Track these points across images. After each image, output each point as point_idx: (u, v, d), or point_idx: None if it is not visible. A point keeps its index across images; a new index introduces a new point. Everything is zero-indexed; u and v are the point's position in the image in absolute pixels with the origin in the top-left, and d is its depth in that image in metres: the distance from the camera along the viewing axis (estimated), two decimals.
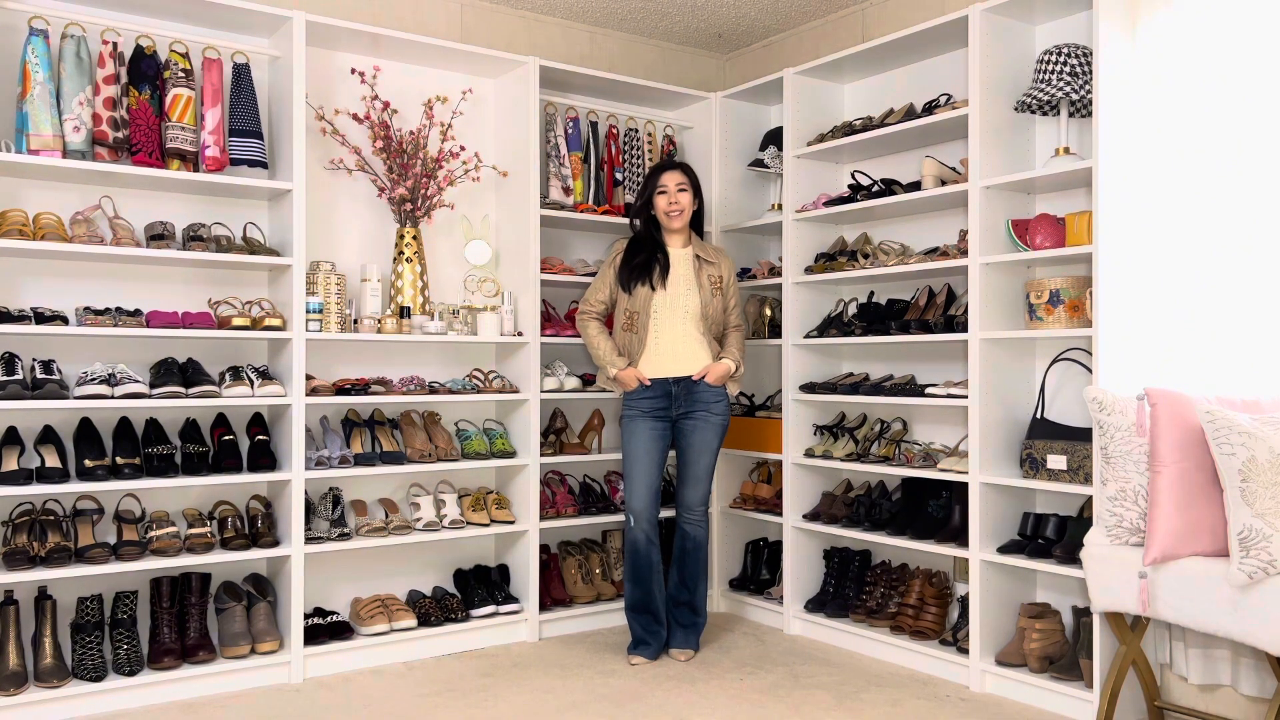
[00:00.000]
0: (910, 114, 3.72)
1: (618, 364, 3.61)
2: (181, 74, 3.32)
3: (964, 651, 3.39)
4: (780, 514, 4.11)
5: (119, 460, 3.20)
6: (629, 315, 3.62)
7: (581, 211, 4.13)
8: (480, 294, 3.97)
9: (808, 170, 4.13)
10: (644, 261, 3.62)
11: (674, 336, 3.61)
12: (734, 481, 4.47)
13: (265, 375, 3.44)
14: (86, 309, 3.19)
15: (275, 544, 3.42)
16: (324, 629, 3.51)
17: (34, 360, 3.17)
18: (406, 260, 3.78)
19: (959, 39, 3.59)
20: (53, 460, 3.13)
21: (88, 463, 3.15)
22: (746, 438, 4.28)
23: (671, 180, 3.65)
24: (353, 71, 3.78)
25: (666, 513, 3.90)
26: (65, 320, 3.13)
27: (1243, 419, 2.44)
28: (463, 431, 3.97)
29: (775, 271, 4.27)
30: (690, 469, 3.68)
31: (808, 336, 4.03)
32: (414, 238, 3.80)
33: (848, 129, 3.92)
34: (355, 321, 3.67)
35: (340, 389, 3.57)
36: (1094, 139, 2.98)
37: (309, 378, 3.54)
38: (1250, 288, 2.83)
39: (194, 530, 3.31)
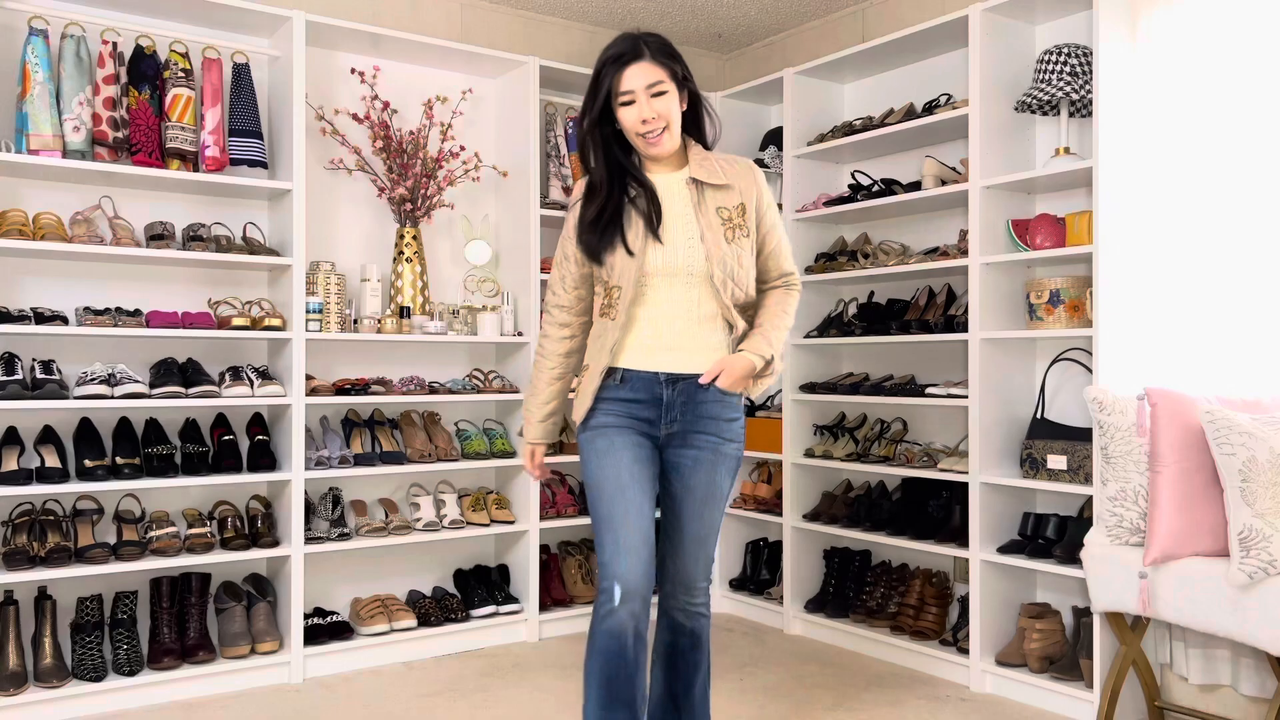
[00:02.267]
0: (910, 114, 3.72)
1: (530, 428, 2.41)
2: (181, 74, 3.32)
3: (964, 651, 3.39)
4: (780, 514, 4.11)
5: (119, 460, 3.20)
6: (606, 293, 2.29)
7: None
8: (480, 294, 3.97)
9: (808, 170, 4.13)
10: (612, 208, 2.25)
11: (671, 314, 2.26)
12: None
13: (265, 375, 3.44)
14: (86, 309, 3.19)
15: (275, 544, 3.42)
16: (324, 629, 3.51)
17: (34, 360, 3.16)
18: (406, 260, 3.78)
19: (959, 39, 3.59)
20: (52, 460, 3.13)
21: (87, 463, 3.15)
22: (746, 438, 4.28)
23: (640, 79, 2.20)
24: (352, 71, 3.78)
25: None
26: (65, 320, 3.13)
27: (1243, 419, 2.44)
28: (463, 431, 3.97)
29: None
30: (687, 527, 2.32)
31: (808, 336, 4.03)
32: (414, 238, 3.80)
33: (848, 129, 3.92)
34: (355, 321, 3.67)
35: (340, 389, 3.57)
36: (1094, 139, 2.98)
37: (309, 378, 3.54)
38: (1251, 287, 2.83)
39: (194, 530, 3.30)
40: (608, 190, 2.25)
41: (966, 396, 3.39)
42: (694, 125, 2.35)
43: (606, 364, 2.25)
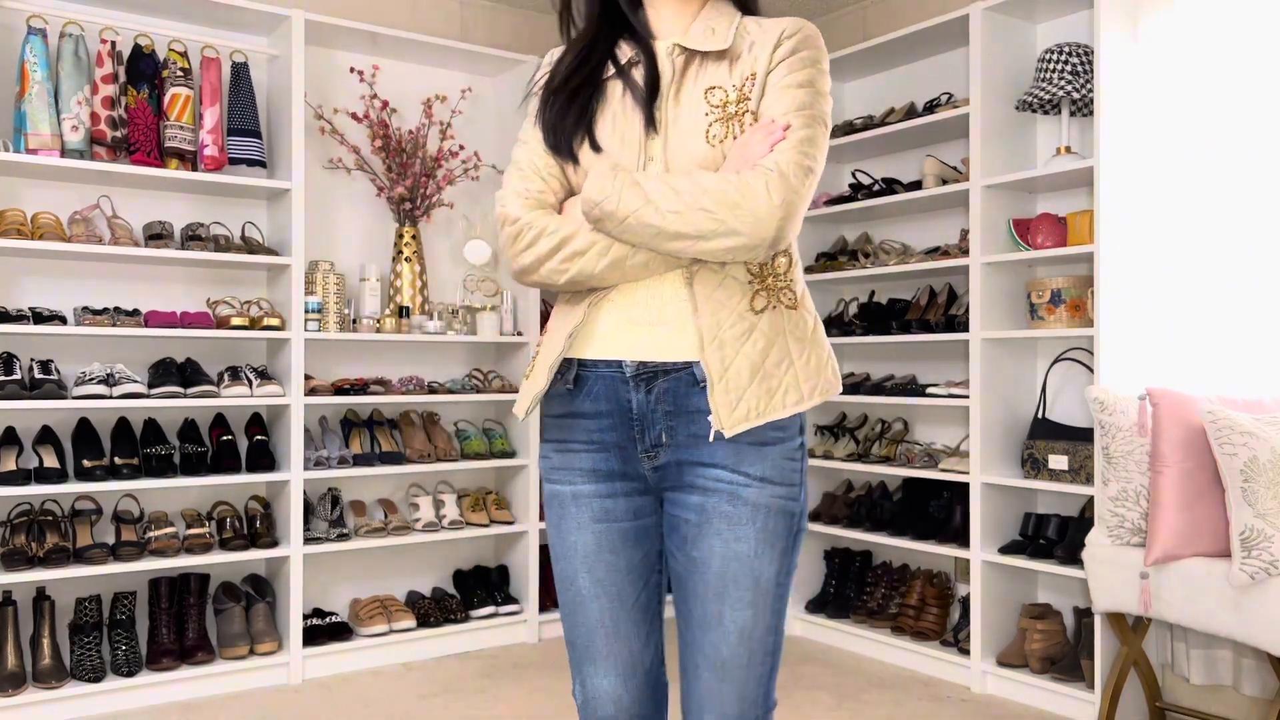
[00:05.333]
0: (911, 113, 3.71)
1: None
2: (180, 73, 3.31)
3: (965, 652, 3.38)
4: None
5: (117, 460, 3.19)
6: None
7: None
8: (479, 294, 3.96)
9: None
10: (586, 77, 1.43)
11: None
12: None
13: (264, 375, 3.43)
14: (85, 309, 3.18)
15: (274, 544, 3.41)
16: (323, 630, 3.50)
17: (32, 360, 3.16)
18: (405, 260, 3.78)
19: (960, 38, 3.58)
20: (51, 460, 3.12)
21: (86, 463, 3.15)
22: None
23: None
24: (351, 70, 3.77)
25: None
26: (63, 320, 3.12)
27: (1244, 419, 2.43)
28: (462, 432, 3.96)
29: None
30: (699, 636, 1.42)
31: None
32: (413, 237, 3.80)
33: (848, 128, 3.91)
34: (354, 321, 3.66)
35: (339, 389, 3.56)
36: (1095, 138, 2.98)
37: (308, 378, 3.53)
38: (1252, 287, 2.83)
39: (192, 531, 3.30)
40: (589, 49, 1.44)
41: (967, 396, 3.38)
42: None
43: (562, 346, 1.40)
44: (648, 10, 1.44)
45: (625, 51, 1.43)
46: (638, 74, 1.40)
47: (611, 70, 1.42)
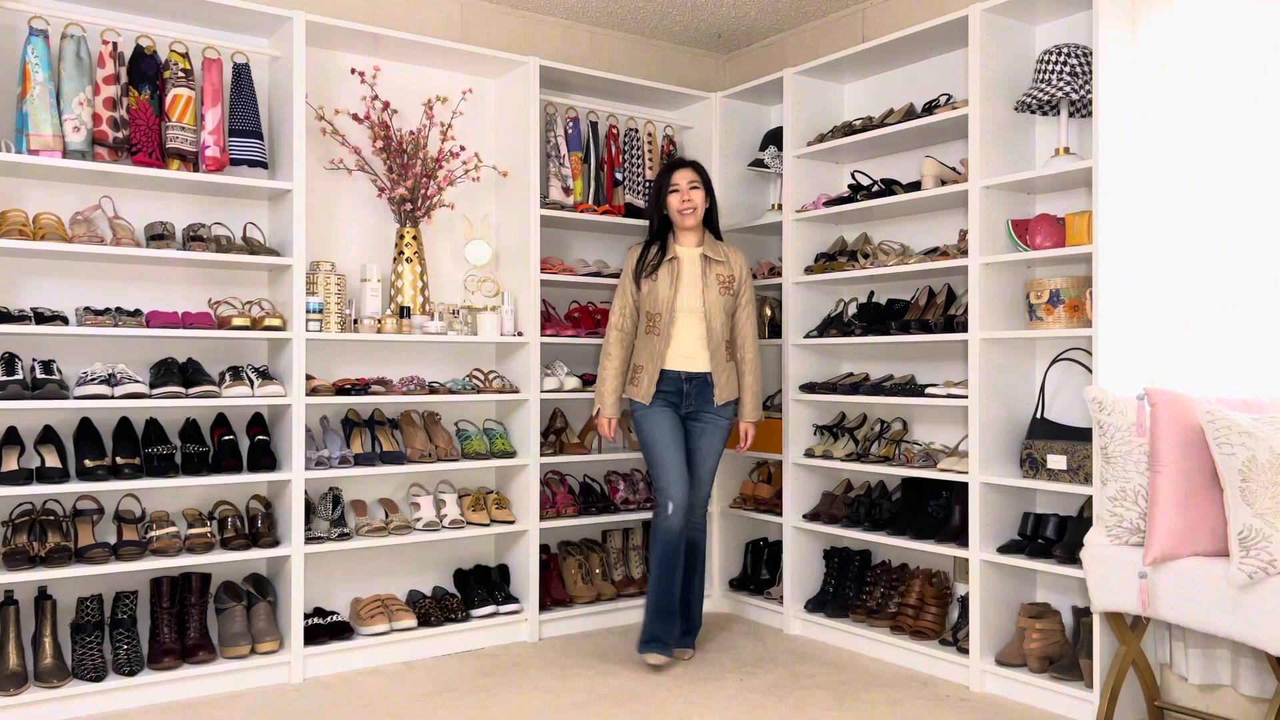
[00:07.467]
0: (910, 114, 3.72)
1: (610, 408, 3.63)
2: (181, 74, 3.32)
3: (964, 651, 3.39)
4: (780, 514, 4.11)
5: (119, 460, 3.20)
6: (648, 317, 3.58)
7: (581, 211, 4.13)
8: (480, 294, 3.97)
9: (808, 170, 4.13)
10: (655, 262, 3.59)
11: (686, 334, 3.56)
12: (734, 481, 4.47)
13: (265, 375, 3.44)
14: (86, 309, 3.19)
15: (275, 544, 3.42)
16: (324, 629, 3.51)
17: (34, 360, 3.17)
18: (406, 260, 3.79)
19: (959, 39, 3.59)
20: (53, 460, 3.13)
21: (88, 463, 3.15)
22: None
23: (683, 178, 3.59)
24: (353, 71, 3.78)
25: None
26: (65, 320, 3.13)
27: (1243, 419, 2.44)
28: (463, 431, 3.97)
29: (775, 271, 4.27)
30: (695, 471, 3.62)
31: (808, 336, 4.03)
32: (414, 238, 3.80)
33: (848, 129, 3.92)
34: (355, 321, 3.67)
35: (340, 389, 3.57)
36: (1094, 139, 2.99)
37: (309, 378, 3.54)
38: (1250, 287, 2.83)
39: (194, 530, 3.31)
40: (651, 250, 3.67)
41: (966, 396, 3.39)
42: (711, 219, 3.70)
43: (660, 366, 3.59)
44: (679, 236, 3.67)
45: (672, 250, 3.65)
46: (670, 265, 3.63)
47: (661, 261, 3.63)
